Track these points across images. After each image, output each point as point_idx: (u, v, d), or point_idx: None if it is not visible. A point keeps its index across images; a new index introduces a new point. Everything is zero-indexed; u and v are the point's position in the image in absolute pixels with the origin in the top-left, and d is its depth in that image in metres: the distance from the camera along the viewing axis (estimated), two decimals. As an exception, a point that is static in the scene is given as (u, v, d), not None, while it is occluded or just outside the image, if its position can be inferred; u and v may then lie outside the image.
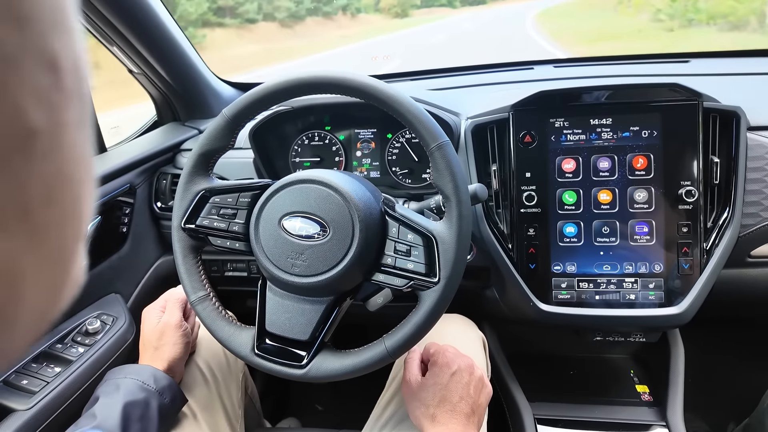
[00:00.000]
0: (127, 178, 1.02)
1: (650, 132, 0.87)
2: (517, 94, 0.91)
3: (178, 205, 0.70)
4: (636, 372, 1.07)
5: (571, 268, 0.89)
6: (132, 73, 1.13)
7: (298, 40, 16.06)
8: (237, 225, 0.69)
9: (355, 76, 0.64)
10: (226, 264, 1.15)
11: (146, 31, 1.01)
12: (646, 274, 0.87)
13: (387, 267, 0.64)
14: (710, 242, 0.86)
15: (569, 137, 0.89)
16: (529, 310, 0.90)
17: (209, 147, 0.70)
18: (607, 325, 0.92)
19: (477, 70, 1.38)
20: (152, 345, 0.76)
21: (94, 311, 0.92)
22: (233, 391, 0.88)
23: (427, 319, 0.62)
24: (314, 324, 0.65)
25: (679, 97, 0.86)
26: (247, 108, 0.68)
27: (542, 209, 0.89)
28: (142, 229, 1.06)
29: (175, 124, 1.25)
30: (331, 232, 0.63)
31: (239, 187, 0.70)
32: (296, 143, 1.11)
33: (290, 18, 17.31)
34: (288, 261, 0.64)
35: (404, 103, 0.63)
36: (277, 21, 17.02)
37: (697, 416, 1.30)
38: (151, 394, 0.70)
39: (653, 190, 0.86)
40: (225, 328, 0.68)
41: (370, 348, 0.63)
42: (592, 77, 1.16)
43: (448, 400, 0.66)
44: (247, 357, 0.67)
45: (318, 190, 0.64)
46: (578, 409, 0.97)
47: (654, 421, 0.93)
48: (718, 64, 1.23)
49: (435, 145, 0.62)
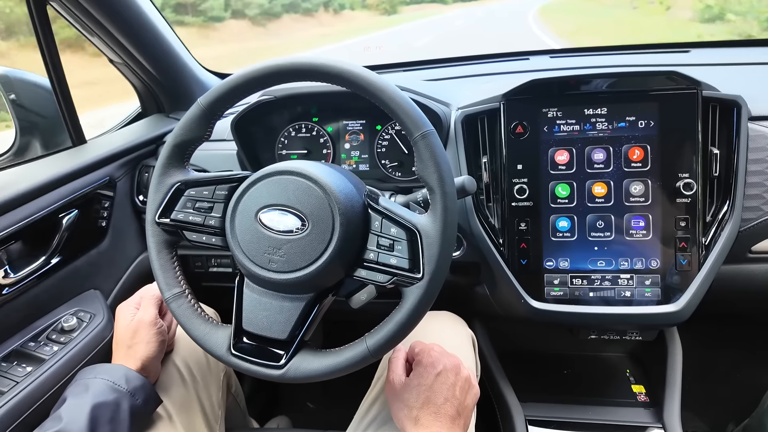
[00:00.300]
0: (107, 170, 0.99)
1: (647, 122, 0.83)
2: (509, 83, 0.88)
3: (152, 198, 0.68)
4: (632, 371, 1.05)
5: (564, 264, 0.86)
6: (113, 63, 1.10)
7: (272, 39, 14.84)
8: (213, 219, 0.66)
9: (335, 63, 0.61)
10: (210, 259, 1.12)
11: (126, 20, 0.98)
12: (642, 270, 0.84)
13: (369, 262, 0.61)
14: (709, 237, 0.83)
15: (562, 128, 0.85)
16: (521, 307, 0.87)
17: (184, 137, 0.67)
18: (602, 323, 0.89)
19: (471, 60, 1.35)
20: (125, 343, 0.74)
21: (70, 308, 0.89)
22: (213, 391, 0.85)
23: (411, 316, 0.59)
24: (293, 322, 0.62)
25: (677, 85, 0.82)
26: (223, 96, 0.65)
27: (534, 203, 0.86)
28: (123, 223, 1.03)
29: (159, 115, 1.22)
30: (311, 225, 0.60)
31: (216, 179, 0.68)
32: (283, 135, 1.08)
33: (263, 15, 16.23)
34: (265, 256, 0.61)
35: (387, 90, 0.60)
36: (248, 18, 15.83)
37: (696, 415, 1.28)
38: (122, 395, 0.67)
39: (650, 183, 0.83)
40: (200, 326, 0.66)
41: (352, 347, 0.61)
42: (589, 67, 1.13)
43: (433, 402, 0.64)
44: (223, 357, 0.64)
45: (297, 182, 0.61)
46: (571, 410, 0.95)
47: (650, 423, 0.91)
48: (720, 54, 1.20)
49: (419, 134, 0.59)
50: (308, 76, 0.63)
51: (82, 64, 2.10)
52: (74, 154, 0.99)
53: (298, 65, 0.62)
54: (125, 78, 1.15)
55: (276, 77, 0.63)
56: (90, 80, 2.23)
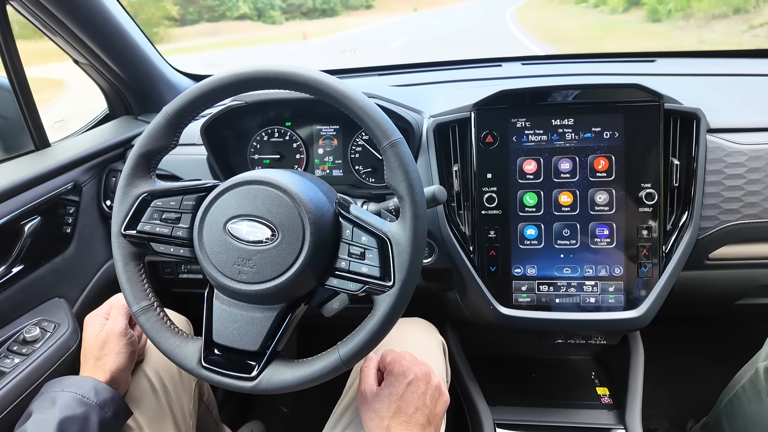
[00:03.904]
0: (72, 175, 0.96)
1: (612, 133, 0.86)
2: (480, 92, 0.89)
3: (117, 209, 0.66)
4: (597, 374, 1.07)
5: (531, 271, 0.88)
6: (78, 64, 1.06)
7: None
8: (181, 230, 0.65)
9: (302, 71, 0.60)
10: (180, 266, 1.10)
11: (89, 20, 0.96)
12: (606, 277, 0.87)
13: (341, 271, 0.61)
14: (669, 245, 0.86)
15: (531, 138, 0.87)
16: (490, 313, 0.89)
17: (150, 147, 0.65)
18: (567, 329, 0.91)
19: (444, 66, 1.36)
20: (94, 355, 0.72)
21: (33, 318, 0.86)
22: (184, 400, 0.84)
23: (382, 324, 0.59)
24: (265, 333, 0.62)
25: (641, 97, 0.85)
26: (189, 105, 0.64)
27: (503, 211, 0.88)
28: (89, 229, 1.01)
29: (127, 117, 1.19)
30: (281, 235, 0.59)
31: (183, 189, 0.66)
32: (255, 139, 1.07)
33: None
34: (234, 268, 0.60)
35: (355, 99, 0.59)
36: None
37: (659, 413, 1.32)
38: (91, 408, 0.65)
39: (614, 192, 0.86)
40: (170, 339, 0.65)
41: (324, 357, 0.61)
42: (558, 75, 1.15)
43: (404, 411, 0.64)
44: (193, 369, 0.63)
45: (266, 191, 0.61)
46: (539, 413, 0.97)
47: (613, 425, 0.93)
48: (683, 64, 1.24)
49: (388, 143, 0.59)
50: (275, 85, 0.62)
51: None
52: (37, 158, 0.96)
53: (264, 74, 0.61)
54: (91, 79, 1.12)
55: (243, 85, 0.63)
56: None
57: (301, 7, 19.58)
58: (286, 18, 19.92)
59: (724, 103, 0.93)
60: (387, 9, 20.60)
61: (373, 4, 20.89)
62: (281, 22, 19.56)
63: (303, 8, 20.29)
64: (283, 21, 19.71)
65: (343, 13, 21.14)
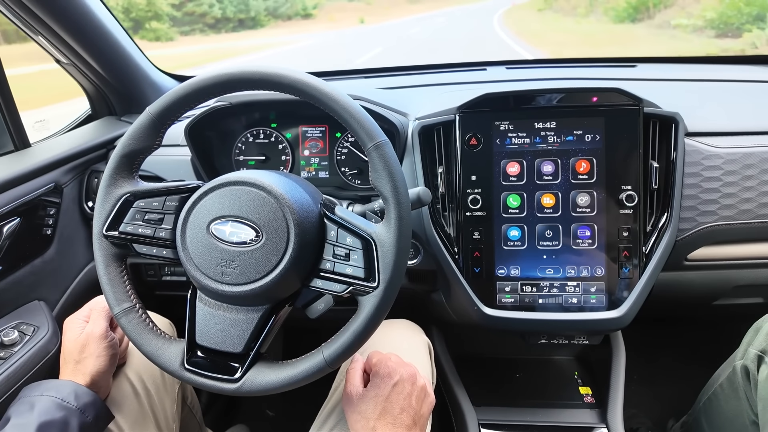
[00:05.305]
0: (53, 176, 0.95)
1: (593, 136, 0.87)
2: (464, 95, 0.90)
3: (99, 210, 0.65)
4: (580, 373, 1.09)
5: (515, 272, 0.89)
6: (60, 64, 1.05)
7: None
8: (164, 231, 0.64)
9: (287, 72, 0.60)
10: (163, 268, 1.09)
11: (71, 19, 0.94)
12: (587, 278, 0.88)
13: (326, 272, 0.61)
14: (649, 246, 0.88)
15: (514, 140, 0.88)
16: (474, 314, 0.90)
17: (132, 147, 0.65)
18: (551, 329, 0.92)
19: (430, 69, 1.37)
20: (73, 358, 0.71)
21: (12, 320, 0.85)
22: (167, 404, 0.83)
23: (367, 325, 0.59)
24: (248, 335, 0.62)
25: (621, 102, 0.87)
26: (173, 105, 0.64)
27: (487, 213, 0.89)
28: (70, 231, 0.99)
29: (110, 118, 1.18)
30: (264, 236, 0.59)
31: (166, 189, 0.66)
32: (240, 140, 1.06)
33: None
34: (218, 269, 0.60)
35: (340, 100, 0.60)
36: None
37: (641, 411, 1.34)
38: (71, 412, 0.64)
39: (595, 194, 0.87)
40: (152, 341, 0.64)
41: (308, 359, 0.60)
42: (541, 79, 1.17)
43: (389, 412, 0.64)
44: (176, 372, 0.62)
45: (250, 192, 0.61)
46: (522, 413, 0.98)
47: (595, 424, 0.95)
48: (663, 70, 1.27)
49: (372, 144, 0.59)
50: (260, 86, 0.62)
51: None
52: (16, 158, 0.94)
53: (249, 74, 0.61)
54: (74, 79, 1.11)
55: (227, 86, 0.62)
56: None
57: (204, 16, 13.33)
58: (182, 33, 14.32)
59: (701, 107, 0.95)
60: (328, 19, 17.08)
61: (312, 12, 16.72)
62: (172, 38, 14.09)
63: (208, 17, 13.99)
64: (175, 37, 14.33)
65: (269, 23, 16.52)
